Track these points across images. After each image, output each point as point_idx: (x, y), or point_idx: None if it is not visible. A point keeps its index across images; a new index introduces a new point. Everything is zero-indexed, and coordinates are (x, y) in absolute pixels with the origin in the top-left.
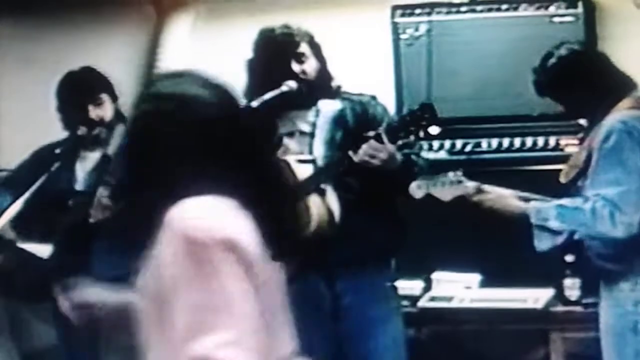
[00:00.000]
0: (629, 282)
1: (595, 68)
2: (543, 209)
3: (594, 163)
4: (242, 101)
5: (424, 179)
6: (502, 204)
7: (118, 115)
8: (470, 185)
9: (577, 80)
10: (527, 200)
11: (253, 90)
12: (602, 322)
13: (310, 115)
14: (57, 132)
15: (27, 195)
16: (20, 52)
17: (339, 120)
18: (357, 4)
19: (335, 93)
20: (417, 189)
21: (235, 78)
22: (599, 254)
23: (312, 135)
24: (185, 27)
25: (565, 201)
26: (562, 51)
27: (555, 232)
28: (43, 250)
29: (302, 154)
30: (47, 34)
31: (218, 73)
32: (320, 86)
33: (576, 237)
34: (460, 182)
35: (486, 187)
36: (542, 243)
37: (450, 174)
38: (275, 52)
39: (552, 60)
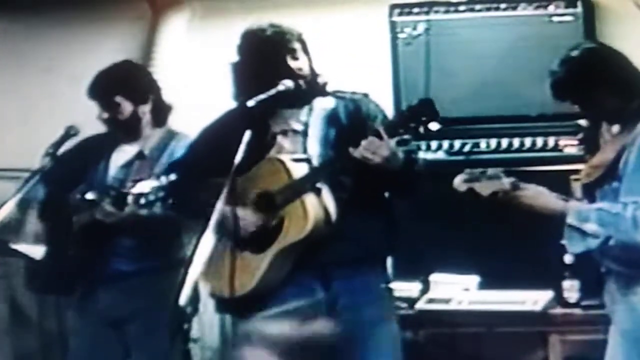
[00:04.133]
0: None
1: (617, 66)
2: (584, 210)
3: (630, 167)
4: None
5: (468, 173)
6: (540, 202)
7: (156, 118)
8: (506, 181)
9: (600, 79)
10: (565, 200)
11: (243, 91)
12: (615, 327)
13: (303, 114)
14: (50, 130)
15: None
16: (14, 50)
17: (332, 119)
18: (355, 3)
19: (326, 90)
20: (462, 183)
21: (229, 75)
22: (618, 258)
23: (305, 134)
24: (181, 25)
25: (604, 205)
26: (581, 51)
27: (588, 235)
28: (36, 251)
29: (296, 153)
30: (42, 32)
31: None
32: (314, 83)
33: (611, 242)
34: (498, 177)
35: (522, 184)
36: (575, 246)
37: (490, 170)
38: (269, 52)
39: (573, 60)
